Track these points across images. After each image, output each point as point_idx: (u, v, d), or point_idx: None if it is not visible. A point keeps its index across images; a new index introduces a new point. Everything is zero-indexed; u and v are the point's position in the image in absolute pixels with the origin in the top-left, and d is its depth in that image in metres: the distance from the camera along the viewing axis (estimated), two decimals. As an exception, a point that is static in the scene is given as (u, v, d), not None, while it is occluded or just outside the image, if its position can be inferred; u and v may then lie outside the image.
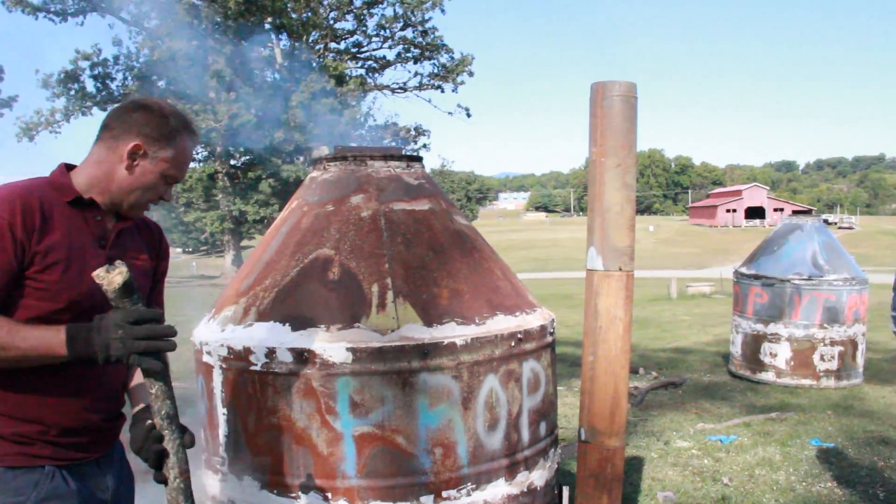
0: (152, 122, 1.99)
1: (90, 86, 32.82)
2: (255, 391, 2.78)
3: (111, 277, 1.66)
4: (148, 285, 2.20)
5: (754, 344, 8.52)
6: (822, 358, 8.17)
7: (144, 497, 2.61)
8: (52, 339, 1.71)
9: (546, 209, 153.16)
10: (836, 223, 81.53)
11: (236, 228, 34.32)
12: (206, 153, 32.34)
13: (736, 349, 8.84)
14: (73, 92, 32.58)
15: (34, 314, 1.85)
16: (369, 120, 34.47)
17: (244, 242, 37.83)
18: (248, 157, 31.61)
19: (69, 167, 2.05)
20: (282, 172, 29.52)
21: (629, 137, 2.87)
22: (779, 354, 8.32)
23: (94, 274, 1.65)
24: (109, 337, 1.66)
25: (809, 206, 77.30)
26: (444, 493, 2.84)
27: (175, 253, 75.02)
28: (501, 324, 2.95)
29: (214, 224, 33.26)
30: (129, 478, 2.27)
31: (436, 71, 37.06)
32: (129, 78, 33.10)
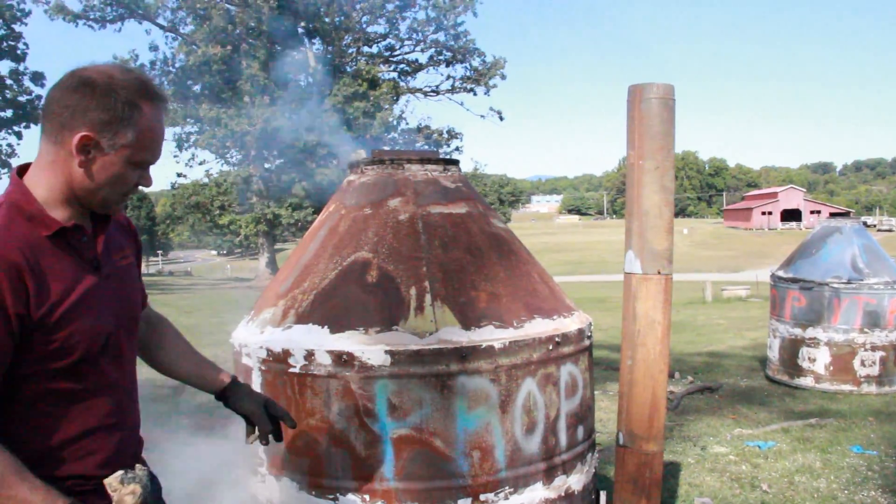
0: (98, 103, 1.59)
1: (127, 91, 33.32)
2: (294, 393, 2.79)
3: (122, 496, 1.52)
4: (136, 274, 1.97)
5: (792, 348, 8.40)
6: (862, 363, 8.03)
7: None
8: None
9: (579, 212, 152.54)
10: (875, 226, 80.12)
11: (270, 231, 34.62)
12: (240, 156, 32.67)
13: (773, 354, 8.73)
14: (110, 97, 33.10)
15: (62, 379, 1.65)
16: (402, 123, 34.60)
17: (278, 245, 38.18)
18: (281, 161, 31.89)
19: (22, 170, 1.71)
20: (315, 176, 29.71)
21: (667, 140, 2.85)
22: (817, 359, 8.20)
23: (107, 483, 1.49)
24: None
25: (847, 209, 76.19)
26: (482, 497, 2.84)
27: (210, 255, 75.88)
28: (539, 327, 2.94)
29: (249, 227, 33.58)
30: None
31: (468, 74, 37.11)
32: (166, 82, 33.56)
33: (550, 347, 2.92)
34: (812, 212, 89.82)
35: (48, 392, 1.62)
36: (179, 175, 35.88)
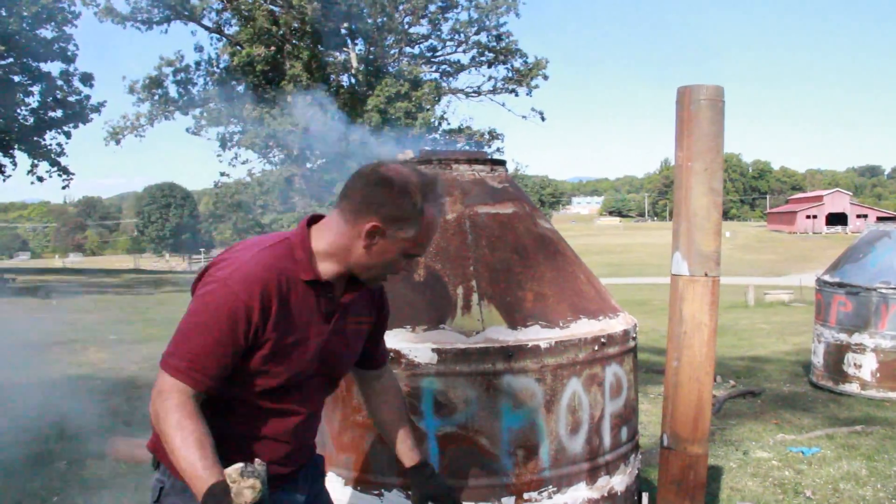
0: (393, 201, 1.83)
1: (173, 91, 33.91)
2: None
3: (241, 489, 1.57)
4: (360, 342, 2.16)
5: (837, 354, 8.27)
6: (910, 370, 7.88)
7: None
8: (194, 485, 1.66)
9: (620, 214, 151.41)
10: (923, 231, 78.27)
11: (311, 230, 34.84)
12: (282, 156, 32.99)
13: (818, 359, 8.60)
14: (156, 97, 33.71)
15: (248, 390, 1.88)
16: (443, 124, 34.66)
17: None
18: (323, 160, 32.12)
19: (314, 219, 1.98)
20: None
21: (716, 142, 2.85)
22: (864, 365, 8.06)
23: (226, 473, 1.58)
24: None
25: (895, 213, 74.54)
26: (526, 496, 2.86)
27: (251, 253, 76.79)
28: (585, 328, 2.96)
29: (291, 226, 33.90)
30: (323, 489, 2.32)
31: (510, 75, 37.05)
32: (210, 83, 34.04)
33: (596, 348, 2.93)
34: (858, 216, 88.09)
35: (243, 399, 1.88)
36: (222, 174, 36.33)
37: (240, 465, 1.57)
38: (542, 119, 37.48)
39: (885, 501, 4.94)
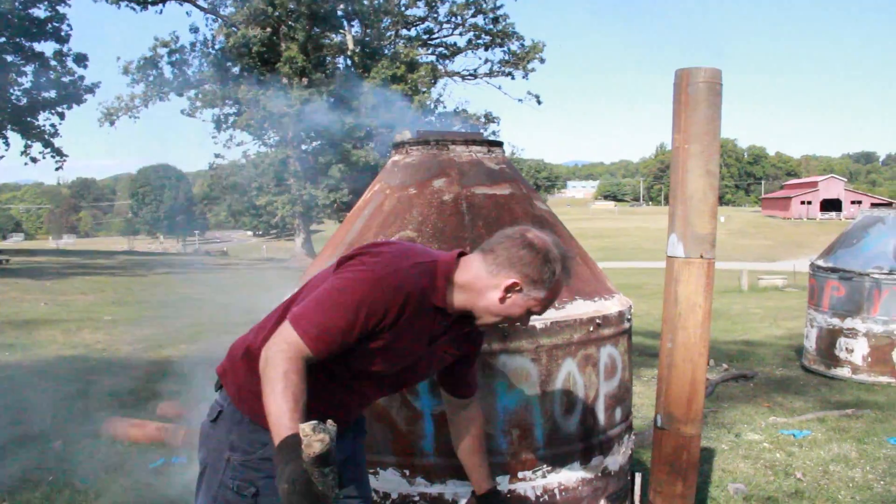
0: (536, 265, 2.04)
1: (168, 72, 33.73)
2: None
3: (311, 441, 1.65)
4: (440, 367, 2.32)
5: (829, 339, 8.32)
6: (901, 355, 7.94)
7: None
8: (275, 432, 1.77)
9: (615, 198, 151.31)
10: (917, 218, 78.43)
11: (306, 212, 34.85)
12: (277, 138, 32.90)
13: (810, 343, 8.66)
14: (151, 78, 33.54)
15: (340, 365, 2.04)
16: (439, 107, 34.59)
17: (314, 227, 38.41)
18: (318, 142, 32.03)
19: (462, 254, 2.16)
20: (352, 157, 29.84)
21: (713, 124, 2.85)
22: (855, 350, 8.12)
23: (301, 427, 1.68)
24: (280, 482, 1.69)
25: (890, 199, 74.70)
26: (520, 474, 2.89)
27: (245, 235, 76.66)
28: (580, 308, 2.98)
29: (285, 208, 33.83)
30: (361, 450, 2.44)
31: (506, 58, 36.96)
32: (205, 64, 33.87)
33: (591, 329, 2.96)
34: (853, 202, 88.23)
35: (329, 369, 2.03)
36: (217, 156, 36.26)
37: (314, 421, 1.66)
38: (539, 102, 37.45)
39: (874, 483, 4.99)
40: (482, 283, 2.05)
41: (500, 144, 3.38)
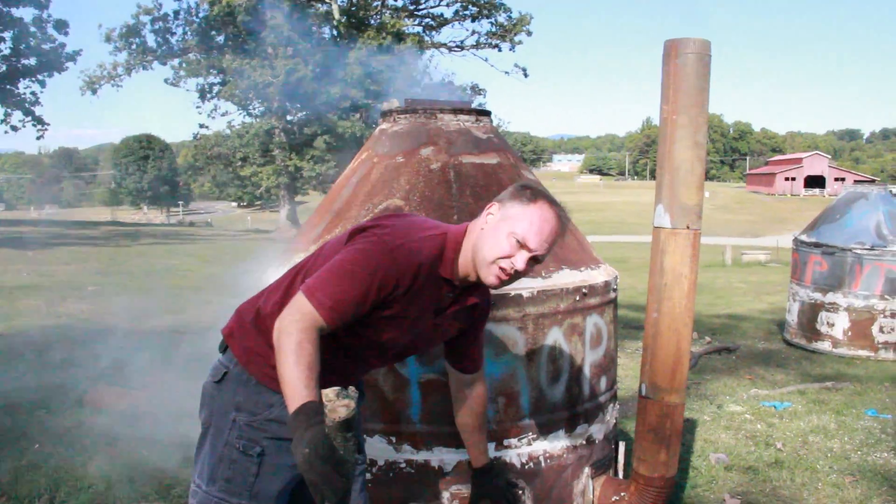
0: (513, 191, 2.11)
1: (151, 40, 33.29)
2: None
3: (335, 406, 1.68)
4: (439, 338, 2.33)
5: (811, 313, 8.41)
6: (881, 329, 8.04)
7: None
8: (291, 399, 1.79)
9: (600, 172, 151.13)
10: (899, 195, 78.91)
11: (291, 184, 34.68)
12: (262, 108, 32.64)
13: (792, 317, 8.75)
14: (134, 46, 33.08)
15: (347, 337, 2.07)
16: (425, 78, 34.38)
17: (299, 198, 38.24)
18: (304, 113, 31.80)
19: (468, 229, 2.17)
20: (337, 129, 29.67)
21: (702, 96, 2.85)
22: (836, 324, 8.21)
23: (324, 393, 1.70)
24: (299, 447, 1.70)
25: (872, 177, 75.11)
26: (506, 442, 2.92)
27: (230, 206, 76.21)
28: (567, 278, 2.99)
29: (270, 179, 33.64)
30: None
31: (493, 29, 36.72)
32: (189, 33, 33.44)
33: (577, 298, 2.97)
34: (836, 179, 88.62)
35: (339, 338, 2.06)
36: (202, 126, 35.97)
37: (337, 388, 1.70)
38: (525, 75, 37.28)
39: (851, 453, 5.08)
40: (475, 227, 2.11)
41: (487, 114, 3.37)
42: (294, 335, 1.86)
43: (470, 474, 2.60)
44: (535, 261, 2.08)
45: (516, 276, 2.08)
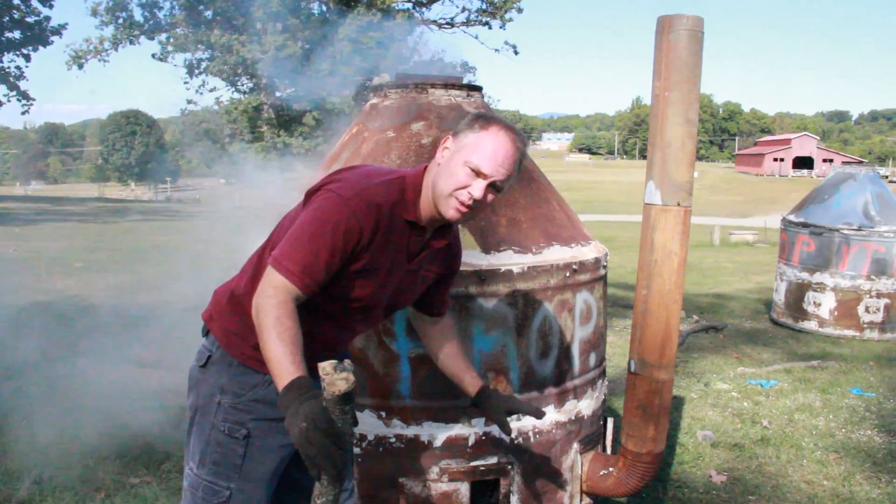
0: (467, 120, 2.05)
1: (138, 14, 32.88)
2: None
3: (334, 379, 1.62)
4: (423, 287, 2.30)
5: (798, 292, 8.47)
6: (867, 310, 8.10)
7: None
8: (278, 377, 1.77)
9: (590, 151, 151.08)
10: (887, 177, 79.22)
11: (280, 160, 34.46)
12: (251, 85, 32.37)
13: (779, 297, 8.80)
14: (120, 21, 32.67)
15: (327, 304, 2.05)
16: (415, 55, 34.14)
17: (287, 174, 37.99)
18: (293, 89, 31.54)
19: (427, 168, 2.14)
20: (327, 105, 29.46)
21: (694, 72, 2.84)
22: (823, 304, 8.27)
23: (321, 367, 1.64)
24: (295, 422, 1.67)
25: (860, 159, 75.30)
26: (495, 417, 2.92)
27: (218, 183, 75.83)
28: (557, 254, 2.99)
29: (259, 155, 33.42)
30: None
31: (483, 6, 36.46)
32: (177, 7, 33.05)
33: (567, 274, 2.97)
34: (825, 160, 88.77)
35: (316, 306, 2.03)
36: (189, 102, 35.62)
37: (333, 361, 1.65)
38: (516, 53, 37.04)
39: (836, 431, 5.13)
40: (433, 165, 2.08)
41: (479, 89, 3.35)
42: (271, 312, 1.84)
43: (472, 403, 2.53)
44: (494, 188, 2.02)
45: (476, 206, 2.02)
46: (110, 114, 76.92)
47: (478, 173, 1.98)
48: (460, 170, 1.98)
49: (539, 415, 2.51)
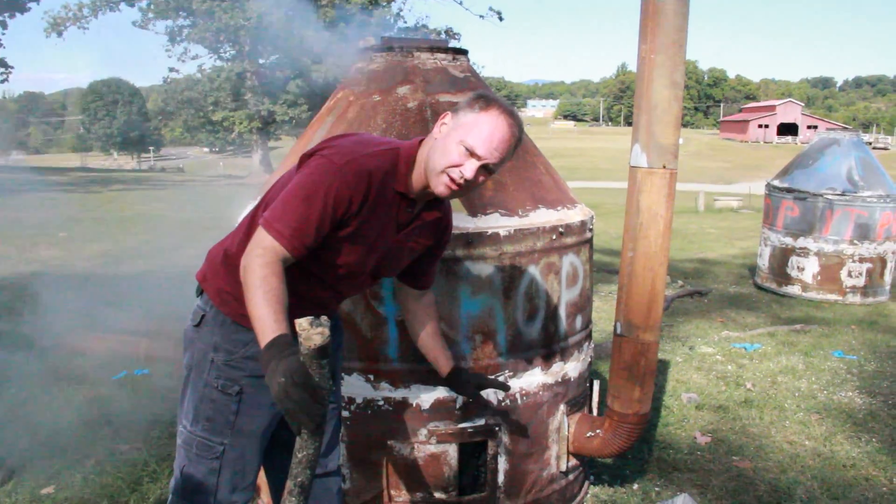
0: (467, 99, 2.06)
1: (117, -20, 32.35)
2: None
3: (310, 334, 1.64)
4: (410, 258, 2.31)
5: (782, 257, 8.53)
6: (849, 274, 8.18)
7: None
8: (261, 334, 1.80)
9: (575, 118, 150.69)
10: (871, 143, 79.52)
11: (264, 128, 34.22)
12: (234, 52, 31.99)
13: (763, 262, 8.86)
14: (100, -15, 32.13)
15: (313, 266, 2.09)
16: (399, 21, 33.83)
17: (272, 143, 37.78)
18: (276, 57, 31.23)
19: (422, 141, 2.15)
20: (311, 73, 29.20)
21: (680, 35, 2.83)
22: (806, 269, 8.34)
23: (297, 323, 1.66)
24: (274, 377, 1.69)
25: (844, 125, 75.49)
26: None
27: (202, 152, 75.23)
28: (543, 217, 3.00)
29: (243, 124, 33.17)
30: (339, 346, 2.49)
31: (468, -29, 36.11)
32: (157, -28, 32.53)
33: (554, 237, 2.99)
34: (809, 126, 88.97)
35: (305, 269, 2.08)
36: (171, 70, 35.18)
37: (310, 317, 1.66)
38: (500, 19, 36.77)
39: (818, 393, 5.20)
40: (430, 139, 2.10)
41: (465, 52, 3.33)
42: (258, 271, 1.87)
43: (443, 381, 2.63)
44: (486, 170, 2.05)
45: (467, 185, 2.04)
46: (91, 82, 75.92)
47: (472, 153, 2.00)
48: (455, 148, 2.00)
49: (505, 388, 2.63)
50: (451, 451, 2.96)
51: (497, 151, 2.02)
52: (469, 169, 2.00)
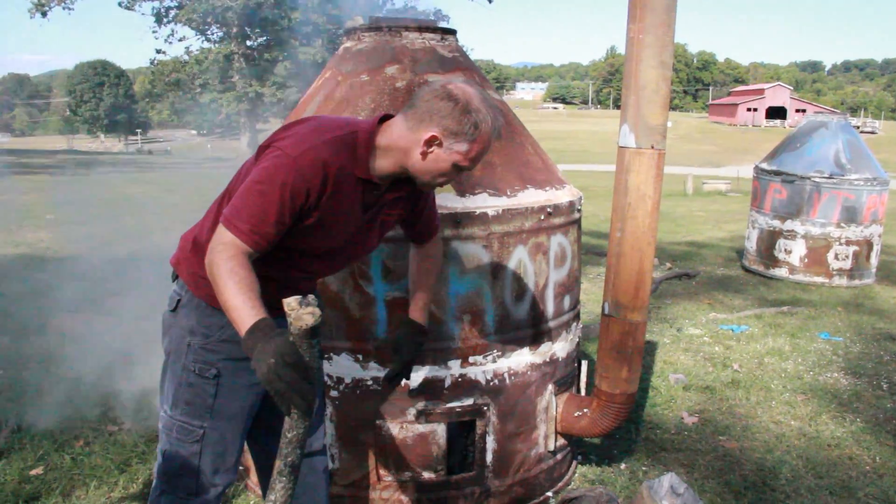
0: (454, 116, 1.97)
1: (103, -41, 31.99)
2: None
3: (300, 314, 1.62)
4: (386, 231, 2.31)
5: (769, 240, 8.57)
6: (836, 257, 8.22)
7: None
8: (240, 323, 1.78)
9: (563, 101, 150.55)
10: (858, 127, 79.80)
11: (252, 110, 34.05)
12: (221, 33, 31.77)
13: (751, 244, 8.90)
14: (85, -35, 31.77)
15: (281, 252, 2.06)
16: (387, 3, 33.62)
17: (260, 125, 37.59)
18: (265, 38, 31.03)
19: (386, 118, 2.11)
20: (299, 55, 29.04)
21: (669, 15, 2.83)
22: (793, 251, 8.38)
23: (286, 302, 1.64)
24: (263, 359, 1.68)
25: (833, 109, 75.75)
26: (471, 359, 2.96)
27: (190, 134, 74.79)
28: (532, 197, 3.00)
29: (231, 105, 32.98)
30: None
31: (457, -47, 35.89)
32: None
33: (542, 217, 2.99)
34: (798, 110, 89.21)
35: (277, 254, 2.05)
36: (159, 51, 34.95)
37: (298, 297, 1.65)
38: (489, 1, 36.59)
39: (804, 374, 5.24)
40: (404, 141, 2.03)
41: (453, 32, 3.32)
42: (223, 264, 1.87)
43: (400, 322, 2.61)
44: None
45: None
46: (77, 64, 75.29)
47: (462, 169, 2.07)
48: (449, 167, 2.03)
49: (402, 380, 2.59)
50: (440, 430, 2.97)
51: (481, 161, 2.12)
52: (456, 175, 2.10)
